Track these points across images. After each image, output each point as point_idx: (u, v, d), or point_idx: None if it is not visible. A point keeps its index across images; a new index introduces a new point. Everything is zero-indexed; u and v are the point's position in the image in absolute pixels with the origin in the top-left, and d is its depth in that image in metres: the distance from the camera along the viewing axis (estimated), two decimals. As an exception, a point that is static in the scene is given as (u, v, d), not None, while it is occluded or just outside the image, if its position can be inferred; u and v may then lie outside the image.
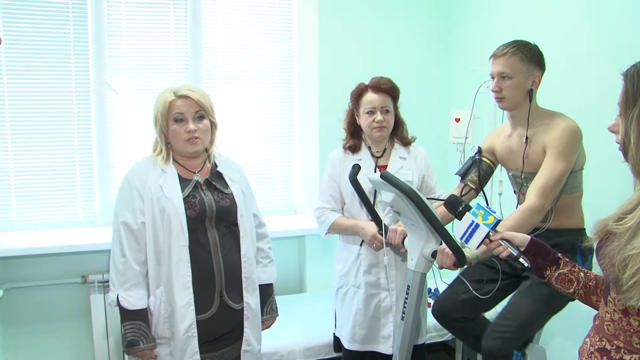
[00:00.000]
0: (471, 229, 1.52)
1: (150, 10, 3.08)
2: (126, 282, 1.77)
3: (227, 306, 1.86)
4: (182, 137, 1.82)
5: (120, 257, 1.78)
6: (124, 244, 1.77)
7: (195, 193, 1.84)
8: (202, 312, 1.82)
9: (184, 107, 1.81)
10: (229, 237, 1.88)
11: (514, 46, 2.04)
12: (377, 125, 2.28)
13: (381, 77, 2.33)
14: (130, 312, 1.77)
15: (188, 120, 1.82)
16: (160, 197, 1.78)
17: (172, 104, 1.81)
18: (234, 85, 3.29)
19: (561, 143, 1.97)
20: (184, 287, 1.77)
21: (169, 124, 1.82)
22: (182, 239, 1.78)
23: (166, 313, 1.80)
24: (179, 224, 1.77)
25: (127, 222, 1.78)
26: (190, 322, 1.78)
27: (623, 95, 1.21)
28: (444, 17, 3.52)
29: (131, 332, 1.76)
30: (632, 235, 1.14)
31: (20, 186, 2.95)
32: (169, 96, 1.82)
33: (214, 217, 1.84)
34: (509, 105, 2.09)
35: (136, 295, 1.77)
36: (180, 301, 1.77)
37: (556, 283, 1.42)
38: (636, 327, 1.19)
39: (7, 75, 2.87)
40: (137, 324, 1.76)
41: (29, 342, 2.94)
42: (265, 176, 3.44)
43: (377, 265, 2.32)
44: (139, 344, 1.75)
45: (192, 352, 1.79)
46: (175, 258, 1.77)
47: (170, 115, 1.81)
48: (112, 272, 1.79)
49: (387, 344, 2.32)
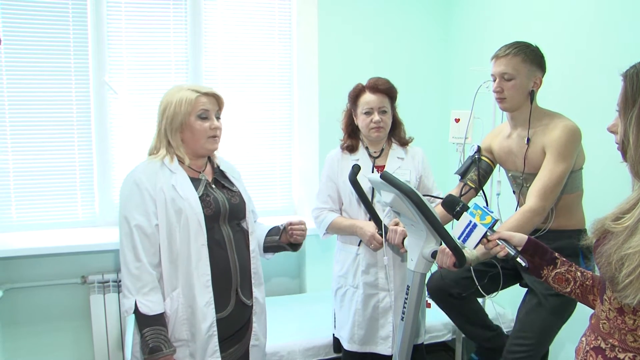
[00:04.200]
0: (469, 229, 1.52)
1: (150, 10, 3.09)
2: (143, 287, 1.72)
3: (242, 303, 1.86)
4: (206, 134, 1.81)
5: (135, 261, 1.72)
6: (139, 248, 1.72)
7: (207, 192, 1.83)
8: (220, 310, 1.81)
9: (209, 105, 1.82)
10: (240, 234, 1.89)
11: (516, 47, 2.03)
12: (375, 126, 2.28)
13: (379, 77, 2.33)
14: (149, 318, 1.72)
15: (212, 118, 1.83)
16: (175, 198, 1.75)
17: (197, 100, 1.80)
18: (233, 86, 3.29)
19: (560, 144, 1.96)
20: (204, 287, 1.76)
21: (190, 121, 1.80)
22: (201, 238, 1.76)
23: (185, 315, 1.77)
24: (197, 223, 1.75)
25: (141, 225, 1.73)
26: (211, 322, 1.77)
27: (622, 95, 1.21)
28: (443, 17, 3.52)
29: (152, 338, 1.71)
30: (630, 234, 1.14)
31: (20, 186, 2.96)
32: (191, 94, 1.80)
33: (227, 215, 1.84)
34: (510, 106, 2.08)
35: (154, 299, 1.72)
36: (201, 301, 1.75)
37: (553, 282, 1.43)
38: (631, 325, 1.19)
39: (7, 75, 2.88)
40: (157, 329, 1.72)
41: (28, 342, 2.94)
42: (265, 176, 3.44)
43: (375, 265, 2.31)
44: (162, 349, 1.70)
45: (213, 350, 1.78)
46: (195, 258, 1.76)
47: (195, 111, 1.80)
48: (127, 278, 1.73)
49: (386, 345, 2.32)
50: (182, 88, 1.83)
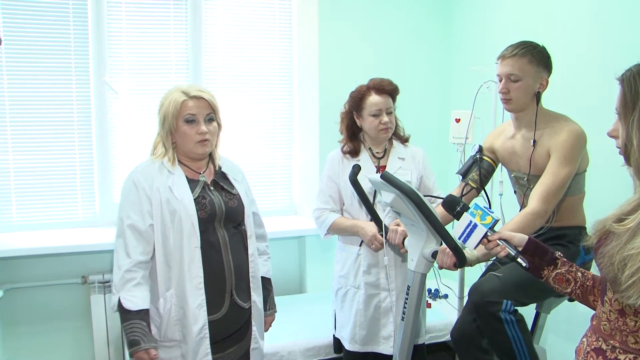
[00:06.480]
0: (469, 229, 1.52)
1: (151, 10, 3.09)
2: (129, 282, 1.73)
3: (236, 306, 1.86)
4: (193, 139, 1.79)
5: (125, 258, 1.74)
6: (129, 246, 1.74)
7: (204, 194, 1.82)
8: (213, 312, 1.80)
9: (196, 109, 1.79)
10: (237, 237, 1.88)
11: (523, 47, 2.00)
12: (384, 127, 2.28)
13: (382, 78, 2.33)
14: (130, 312, 1.73)
15: (199, 122, 1.80)
16: (170, 199, 1.76)
17: (184, 104, 1.78)
18: (234, 86, 3.29)
19: (566, 148, 1.94)
20: (196, 289, 1.76)
21: (178, 125, 1.79)
22: (194, 240, 1.76)
23: (177, 315, 1.78)
24: (191, 225, 1.75)
25: (135, 224, 1.74)
26: (203, 324, 1.77)
27: (621, 99, 1.20)
28: (444, 17, 3.52)
29: (131, 332, 1.72)
30: (633, 235, 1.14)
31: (21, 186, 2.95)
32: (180, 96, 1.78)
33: (223, 218, 1.83)
34: (515, 107, 2.06)
35: (138, 294, 1.73)
36: (192, 303, 1.76)
37: (554, 283, 1.42)
38: (632, 327, 1.19)
39: (8, 75, 2.88)
40: (135, 323, 1.73)
41: (29, 342, 2.94)
42: (266, 176, 3.44)
43: (376, 266, 2.31)
44: (140, 343, 1.72)
45: (204, 353, 1.78)
46: (187, 260, 1.76)
47: (181, 115, 1.78)
48: (116, 274, 1.74)
49: (388, 345, 2.32)
50: (177, 89, 1.82)
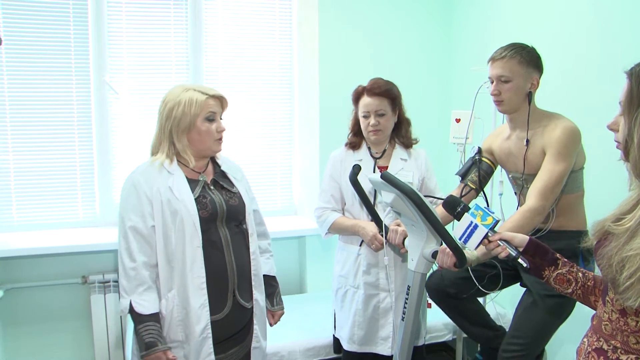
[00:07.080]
0: (470, 230, 1.52)
1: (151, 10, 3.09)
2: (138, 286, 1.73)
3: (239, 305, 1.86)
4: (213, 136, 1.83)
5: (130, 262, 1.73)
6: (133, 249, 1.73)
7: (205, 193, 1.83)
8: (216, 312, 1.80)
9: (216, 107, 1.84)
10: (239, 235, 1.88)
11: (512, 49, 2.03)
12: (372, 129, 2.28)
13: (378, 79, 2.31)
14: (143, 316, 1.73)
15: (218, 120, 1.86)
16: (170, 199, 1.76)
17: (206, 102, 1.81)
18: (234, 86, 3.29)
19: (560, 144, 1.96)
20: (199, 289, 1.76)
21: (197, 123, 1.81)
22: (196, 240, 1.76)
23: (179, 316, 1.77)
24: (192, 225, 1.75)
25: (136, 226, 1.74)
26: (206, 324, 1.77)
27: (627, 94, 1.17)
28: (444, 17, 3.52)
29: (147, 334, 1.72)
30: (631, 236, 1.14)
31: (21, 186, 2.95)
32: (199, 95, 1.80)
33: (224, 217, 1.84)
34: (508, 108, 2.08)
35: (149, 299, 1.74)
36: (195, 303, 1.75)
37: (554, 283, 1.42)
38: (633, 327, 1.19)
39: (8, 75, 2.88)
40: (151, 325, 1.73)
41: (29, 342, 2.94)
42: (266, 176, 3.44)
43: (376, 266, 2.31)
44: (157, 345, 1.72)
45: (207, 353, 1.78)
46: (190, 260, 1.76)
47: (203, 113, 1.81)
48: (123, 278, 1.74)
49: (386, 345, 2.32)
50: (188, 88, 1.82)
